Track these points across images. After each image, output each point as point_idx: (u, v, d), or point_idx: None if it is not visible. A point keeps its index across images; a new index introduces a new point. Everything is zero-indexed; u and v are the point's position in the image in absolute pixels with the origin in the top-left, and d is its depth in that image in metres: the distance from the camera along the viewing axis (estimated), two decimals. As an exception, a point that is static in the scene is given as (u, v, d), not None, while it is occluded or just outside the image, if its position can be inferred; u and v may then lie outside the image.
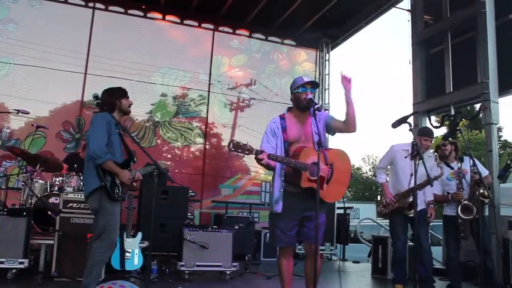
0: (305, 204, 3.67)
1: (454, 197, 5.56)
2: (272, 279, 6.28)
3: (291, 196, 3.76)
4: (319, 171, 3.47)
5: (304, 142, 3.83)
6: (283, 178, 3.82)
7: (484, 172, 5.82)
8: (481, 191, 5.37)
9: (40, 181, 6.77)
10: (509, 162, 5.69)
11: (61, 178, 6.75)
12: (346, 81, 3.80)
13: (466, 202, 5.43)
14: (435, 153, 5.94)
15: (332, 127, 3.94)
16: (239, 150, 3.52)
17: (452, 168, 5.74)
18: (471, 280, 6.41)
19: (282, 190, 3.79)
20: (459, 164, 5.60)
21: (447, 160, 5.87)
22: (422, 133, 5.69)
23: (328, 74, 11.72)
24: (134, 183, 4.55)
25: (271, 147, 3.82)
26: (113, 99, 4.46)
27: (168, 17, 10.39)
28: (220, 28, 10.88)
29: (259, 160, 3.58)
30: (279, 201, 3.78)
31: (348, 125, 3.82)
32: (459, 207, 5.45)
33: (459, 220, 5.48)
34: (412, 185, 5.33)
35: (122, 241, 5.76)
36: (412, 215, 5.32)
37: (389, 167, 5.88)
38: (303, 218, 3.76)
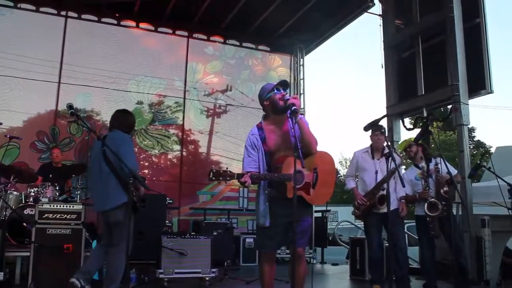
0: (291, 210, 3.48)
1: (421, 196, 5.67)
2: (252, 284, 6.30)
3: (277, 202, 3.72)
4: (295, 175, 3.40)
5: (286, 150, 3.72)
6: (266, 191, 3.77)
7: (453, 171, 5.96)
8: (445, 189, 5.48)
9: (15, 193, 6.69)
10: (479, 162, 5.82)
11: (36, 188, 6.68)
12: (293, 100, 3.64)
13: (432, 199, 5.54)
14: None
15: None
16: (220, 178, 3.49)
17: (420, 168, 5.85)
18: (447, 278, 6.54)
19: (267, 203, 3.75)
20: (423, 164, 5.73)
21: (415, 161, 6.00)
22: (371, 130, 5.70)
23: (303, 78, 11.83)
24: None
25: (253, 161, 3.77)
26: (134, 124, 5.00)
27: (142, 25, 10.36)
28: (195, 35, 10.89)
29: (243, 184, 3.55)
30: (266, 215, 3.74)
31: (305, 146, 3.69)
32: (426, 205, 5.57)
33: (428, 218, 5.60)
34: (378, 181, 5.52)
35: (100, 251, 5.70)
36: (385, 210, 5.36)
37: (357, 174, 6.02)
38: (289, 222, 3.64)
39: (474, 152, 26.48)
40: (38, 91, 9.19)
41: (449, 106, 8.05)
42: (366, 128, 4.51)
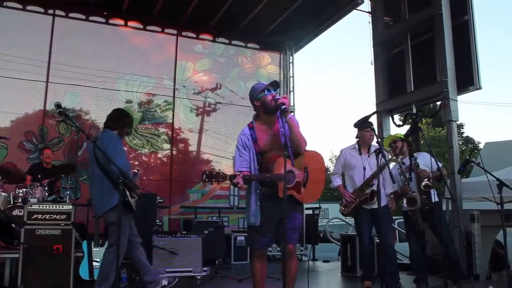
0: (282, 206, 3.50)
1: (401, 191, 5.71)
2: (243, 281, 6.30)
3: (268, 199, 3.76)
4: (285, 175, 3.44)
5: (277, 150, 3.76)
6: (257, 191, 3.80)
7: (438, 165, 6.00)
8: (424, 183, 5.52)
9: (3, 194, 6.62)
10: (468, 157, 5.86)
11: (25, 189, 6.62)
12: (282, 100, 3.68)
13: (411, 194, 5.58)
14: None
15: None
16: (213, 180, 3.53)
17: (404, 163, 5.88)
18: (438, 273, 6.58)
19: (258, 203, 3.78)
20: (399, 159, 5.76)
21: (399, 156, 6.02)
22: (362, 127, 5.65)
23: (293, 76, 11.84)
24: None
25: (245, 161, 3.80)
26: (126, 123, 4.96)
27: (130, 23, 10.29)
28: (184, 33, 10.83)
29: (235, 185, 3.59)
30: (257, 215, 3.77)
31: (294, 146, 3.78)
32: (405, 200, 5.62)
33: (409, 212, 5.65)
34: (367, 177, 5.55)
35: (90, 251, 5.68)
36: (374, 206, 5.36)
37: (343, 172, 6.02)
38: (281, 219, 3.67)
39: (463, 148, 26.65)
40: (25, 91, 9.10)
41: (438, 103, 8.09)
42: (356, 125, 4.53)
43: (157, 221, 7.91)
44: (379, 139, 4.83)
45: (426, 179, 5.50)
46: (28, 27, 9.23)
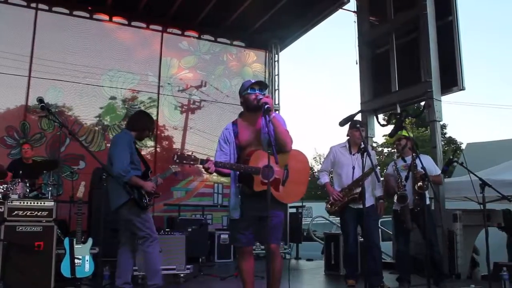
0: (261, 205, 3.49)
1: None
2: (227, 280, 6.30)
3: (247, 197, 3.75)
4: (265, 169, 3.44)
5: (256, 145, 3.77)
6: (237, 184, 3.80)
7: (437, 171, 6.06)
8: (419, 184, 5.57)
9: (-18, 190, 6.48)
10: (451, 157, 5.92)
11: (5, 185, 6.49)
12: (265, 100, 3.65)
13: (401, 192, 5.62)
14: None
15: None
16: (184, 161, 3.54)
17: (405, 161, 5.92)
18: (420, 272, 6.64)
19: (239, 196, 3.77)
20: (395, 157, 5.82)
21: (403, 154, 6.06)
22: (352, 126, 5.62)
23: (278, 74, 11.84)
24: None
25: (224, 154, 3.80)
26: (146, 126, 5.18)
27: (115, 19, 10.16)
28: (169, 30, 10.76)
29: (206, 170, 3.57)
30: (236, 208, 3.76)
31: (279, 145, 3.69)
32: (395, 197, 5.66)
33: (398, 211, 5.68)
34: (356, 177, 5.56)
35: (72, 248, 5.61)
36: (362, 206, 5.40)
37: (332, 170, 6.04)
38: (261, 218, 3.67)
39: (446, 149, 26.90)
40: (7, 85, 8.93)
41: (422, 103, 8.17)
42: (341, 123, 4.54)
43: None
44: (364, 139, 4.84)
45: (421, 181, 5.55)
46: (10, 21, 9.07)
